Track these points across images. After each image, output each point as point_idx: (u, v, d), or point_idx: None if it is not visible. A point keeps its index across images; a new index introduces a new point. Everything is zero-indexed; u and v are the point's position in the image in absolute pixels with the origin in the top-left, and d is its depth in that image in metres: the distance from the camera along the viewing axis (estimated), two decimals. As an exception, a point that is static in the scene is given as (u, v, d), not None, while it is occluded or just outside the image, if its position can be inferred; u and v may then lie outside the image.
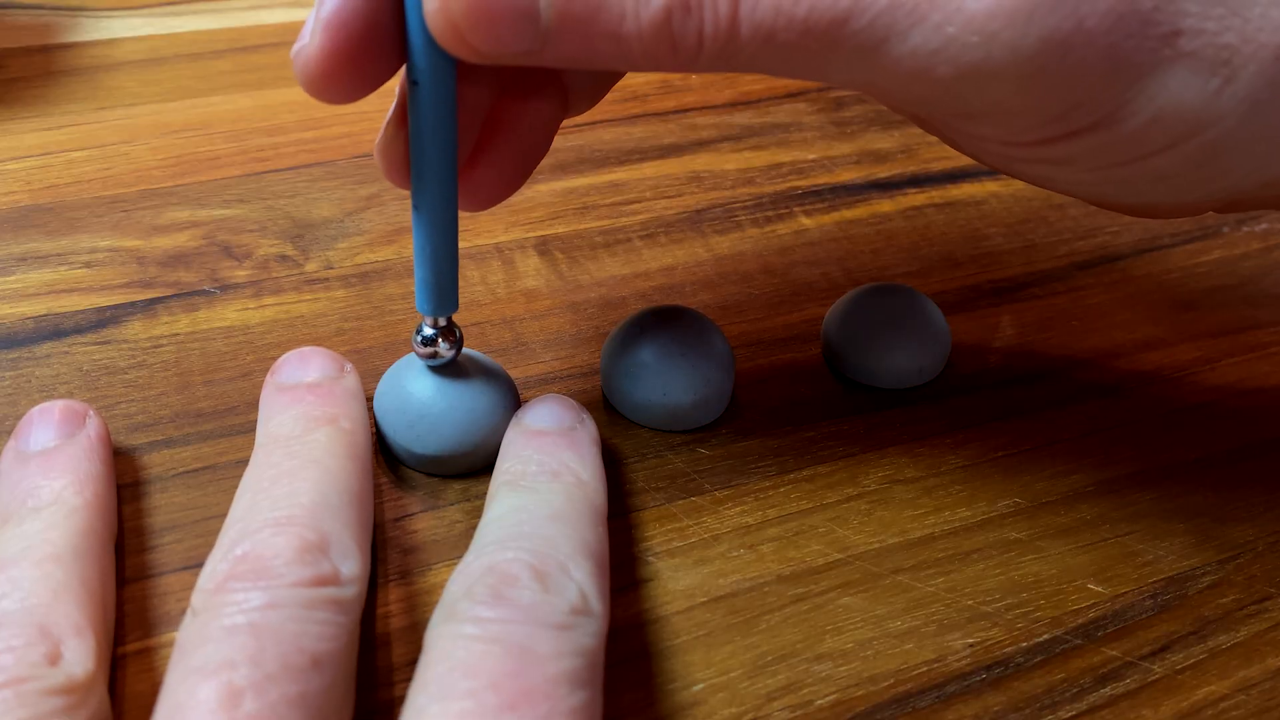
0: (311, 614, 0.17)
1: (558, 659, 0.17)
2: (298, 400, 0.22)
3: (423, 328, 0.23)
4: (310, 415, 0.21)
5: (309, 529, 0.18)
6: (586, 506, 0.21)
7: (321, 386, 0.22)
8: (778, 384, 0.27)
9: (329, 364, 0.23)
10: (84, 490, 0.20)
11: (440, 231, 0.21)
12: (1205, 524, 0.24)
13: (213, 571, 0.18)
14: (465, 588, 0.18)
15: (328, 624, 0.17)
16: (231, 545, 0.18)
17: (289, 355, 0.23)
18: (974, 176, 0.35)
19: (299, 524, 0.19)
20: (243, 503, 0.20)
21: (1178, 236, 0.33)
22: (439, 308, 0.22)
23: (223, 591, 0.17)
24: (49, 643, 0.17)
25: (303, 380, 0.23)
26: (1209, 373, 0.28)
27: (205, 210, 0.30)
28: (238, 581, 0.18)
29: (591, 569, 0.19)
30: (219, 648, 0.17)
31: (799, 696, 0.20)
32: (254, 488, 0.20)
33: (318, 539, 0.18)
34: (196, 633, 0.17)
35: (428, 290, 0.22)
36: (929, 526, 0.24)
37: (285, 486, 0.19)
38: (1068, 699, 0.21)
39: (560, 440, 0.22)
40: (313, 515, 0.19)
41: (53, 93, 0.35)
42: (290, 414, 0.22)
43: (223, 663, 0.16)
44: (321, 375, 0.23)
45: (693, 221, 0.32)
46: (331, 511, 0.19)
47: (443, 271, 0.22)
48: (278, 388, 0.23)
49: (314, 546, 0.18)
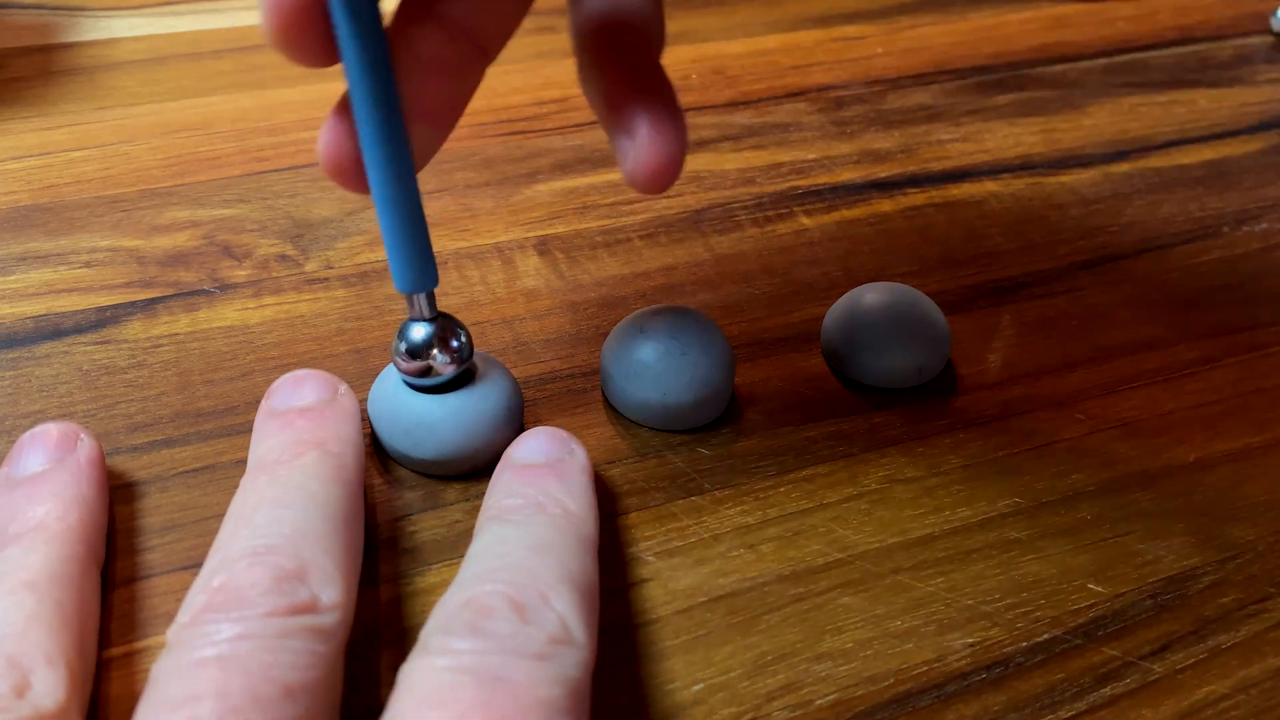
0: (285, 643, 0.17)
1: (534, 688, 0.16)
2: (287, 425, 0.22)
3: (409, 331, 0.22)
4: (298, 440, 0.21)
5: (287, 557, 0.18)
6: (572, 536, 0.20)
7: (313, 410, 0.22)
8: (778, 384, 0.27)
9: (322, 386, 0.23)
10: (68, 515, 0.20)
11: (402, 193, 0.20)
12: (1205, 524, 0.24)
13: (190, 604, 0.18)
14: (441, 623, 0.18)
15: (302, 653, 0.17)
16: (210, 576, 0.18)
17: (283, 379, 0.23)
18: (974, 176, 0.35)
19: (277, 552, 0.18)
20: (225, 532, 0.19)
21: (1178, 236, 0.33)
22: (418, 281, 0.21)
23: (196, 624, 0.17)
24: (17, 674, 0.17)
25: (295, 405, 0.22)
26: (1209, 373, 0.28)
27: (205, 210, 0.30)
28: (212, 613, 0.17)
29: (575, 598, 0.18)
30: (186, 682, 0.16)
31: (799, 696, 0.20)
32: (236, 516, 0.20)
33: (296, 567, 0.18)
34: (168, 667, 0.17)
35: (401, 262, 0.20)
36: (929, 526, 0.24)
37: (266, 514, 0.19)
38: (1068, 699, 0.21)
39: (547, 473, 0.21)
40: (292, 543, 0.19)
41: (53, 93, 0.35)
42: (278, 440, 0.21)
43: (188, 697, 0.16)
44: (315, 399, 0.22)
45: (693, 221, 0.32)
46: (313, 538, 0.19)
47: (417, 240, 0.20)
48: (270, 413, 0.22)
49: (291, 575, 0.18)
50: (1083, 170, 0.36)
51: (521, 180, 0.33)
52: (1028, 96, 0.40)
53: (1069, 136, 0.38)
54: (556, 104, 0.37)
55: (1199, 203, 0.35)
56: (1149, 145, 0.38)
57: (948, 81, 0.40)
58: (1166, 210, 0.34)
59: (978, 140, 0.37)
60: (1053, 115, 0.39)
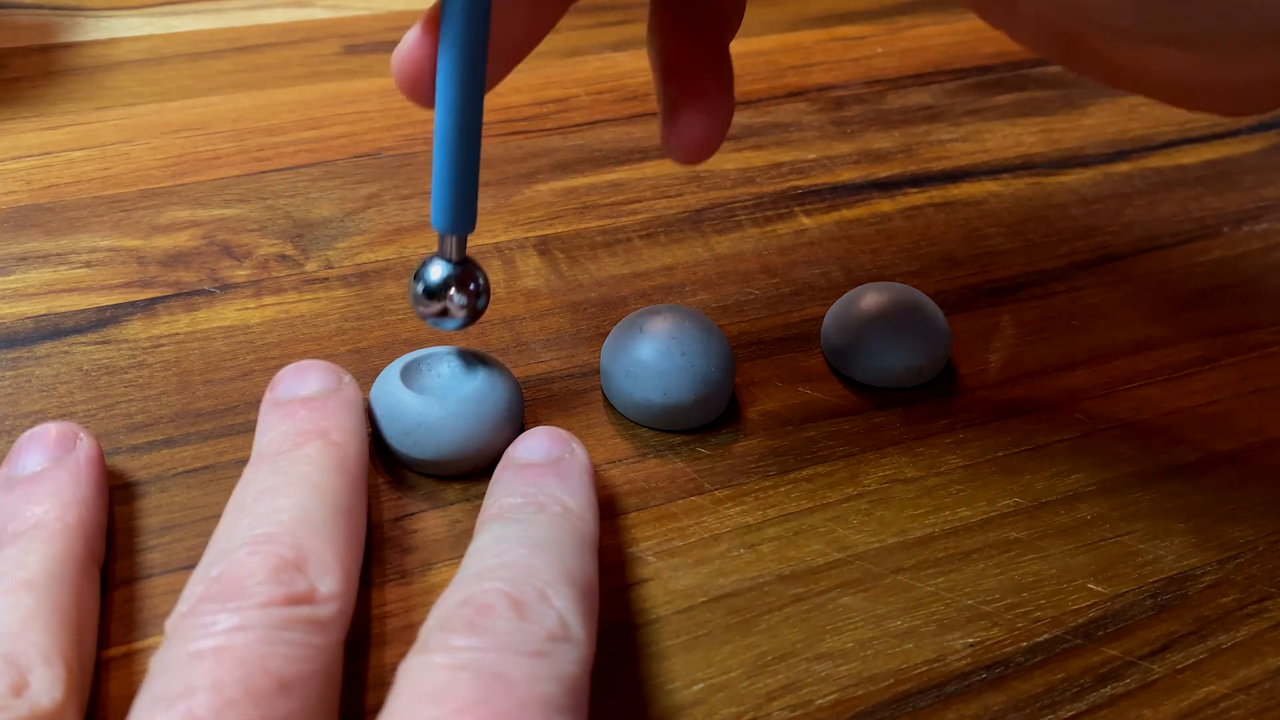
0: (281, 635, 0.17)
1: (531, 684, 0.16)
2: (290, 415, 0.22)
3: (427, 272, 0.21)
4: (300, 430, 0.21)
5: (286, 546, 0.18)
6: (571, 534, 0.20)
7: (316, 400, 0.22)
8: (778, 384, 0.27)
9: (326, 376, 0.23)
10: (66, 514, 0.20)
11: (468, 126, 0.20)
12: (1205, 524, 0.24)
13: (189, 594, 0.18)
14: (440, 620, 0.18)
15: (299, 645, 0.17)
16: (208, 567, 0.18)
17: (286, 370, 0.23)
18: (974, 176, 0.35)
19: (276, 542, 0.18)
20: (225, 521, 0.19)
21: (1178, 236, 0.33)
22: (457, 223, 0.21)
23: (194, 615, 0.17)
24: (14, 672, 0.17)
25: (298, 394, 0.22)
26: (1209, 373, 0.28)
27: (205, 210, 0.30)
28: (209, 604, 0.17)
29: (574, 595, 0.18)
30: (181, 674, 0.16)
31: (799, 696, 0.20)
32: (237, 506, 0.20)
33: (294, 556, 0.18)
34: (165, 659, 0.17)
35: (446, 200, 0.20)
36: (929, 526, 0.24)
37: (267, 504, 0.19)
38: (1068, 699, 0.21)
39: (547, 472, 0.21)
40: (292, 532, 0.18)
41: (53, 93, 0.35)
42: (281, 430, 0.21)
43: (183, 690, 0.16)
44: (318, 388, 0.22)
45: (693, 221, 0.32)
46: (313, 528, 0.19)
47: (467, 180, 0.20)
48: (273, 403, 0.22)
49: (289, 564, 0.18)
50: (1083, 170, 0.36)
51: (521, 180, 0.33)
52: (1028, 96, 0.40)
53: (1069, 136, 0.38)
54: (556, 104, 0.37)
55: (1199, 203, 0.35)
56: (1149, 145, 0.38)
57: (948, 81, 0.40)
58: (1166, 210, 0.34)
59: (978, 140, 0.37)
60: (1053, 115, 0.39)
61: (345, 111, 0.35)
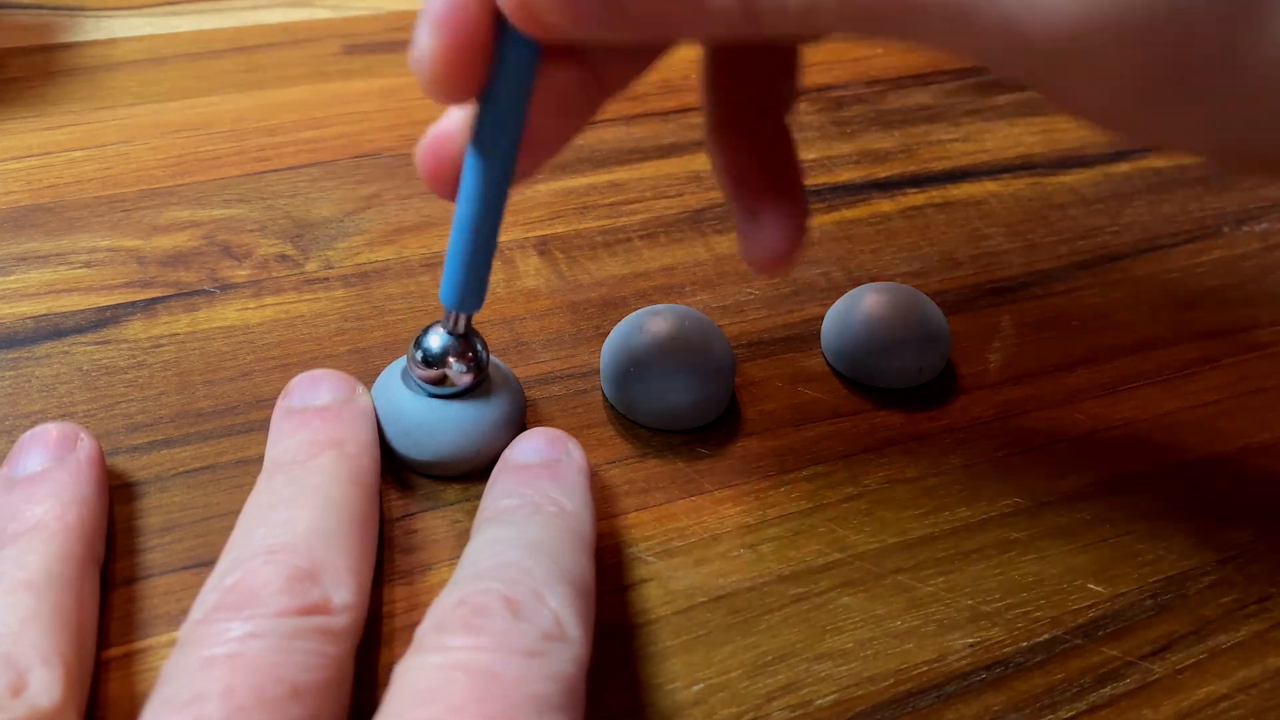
0: (294, 644, 0.17)
1: (526, 684, 0.16)
2: (304, 424, 0.22)
3: (427, 340, 0.22)
4: (314, 440, 0.21)
5: (301, 557, 0.18)
6: (568, 534, 0.20)
7: (329, 410, 0.22)
8: (778, 384, 0.27)
9: (340, 386, 0.23)
10: (66, 514, 0.20)
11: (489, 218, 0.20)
12: (1205, 524, 0.24)
13: (202, 602, 0.18)
14: (436, 621, 0.18)
15: (312, 654, 0.17)
16: (223, 575, 0.18)
17: (300, 378, 0.23)
18: (974, 176, 0.35)
19: (291, 551, 0.18)
20: (240, 530, 0.19)
21: (1178, 236, 0.33)
22: (466, 302, 0.21)
23: (207, 622, 0.17)
24: (13, 673, 0.17)
25: (312, 404, 0.22)
26: (1209, 373, 0.28)
27: (205, 210, 0.30)
28: (223, 612, 0.17)
29: (570, 595, 0.18)
30: (193, 680, 0.16)
31: (799, 696, 0.20)
32: (252, 515, 0.20)
33: (309, 567, 0.18)
34: (177, 665, 0.17)
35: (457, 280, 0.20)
36: (929, 526, 0.24)
37: (282, 514, 0.19)
38: (1068, 699, 0.21)
39: (543, 473, 0.21)
40: (307, 543, 0.19)
41: (53, 93, 0.35)
42: (295, 439, 0.21)
43: (195, 696, 0.16)
44: (332, 398, 0.22)
45: (693, 221, 0.32)
46: (328, 539, 0.19)
47: (481, 264, 0.20)
48: (287, 411, 0.22)
49: (304, 575, 0.18)
50: (1083, 170, 0.36)
51: (521, 180, 0.33)
52: (1028, 96, 0.40)
53: (1069, 136, 0.38)
54: (556, 104, 0.37)
55: (1199, 203, 0.35)
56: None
57: (948, 81, 0.40)
58: (1166, 210, 0.34)
59: (978, 140, 0.37)
60: (1053, 115, 0.39)
61: (345, 111, 0.35)
